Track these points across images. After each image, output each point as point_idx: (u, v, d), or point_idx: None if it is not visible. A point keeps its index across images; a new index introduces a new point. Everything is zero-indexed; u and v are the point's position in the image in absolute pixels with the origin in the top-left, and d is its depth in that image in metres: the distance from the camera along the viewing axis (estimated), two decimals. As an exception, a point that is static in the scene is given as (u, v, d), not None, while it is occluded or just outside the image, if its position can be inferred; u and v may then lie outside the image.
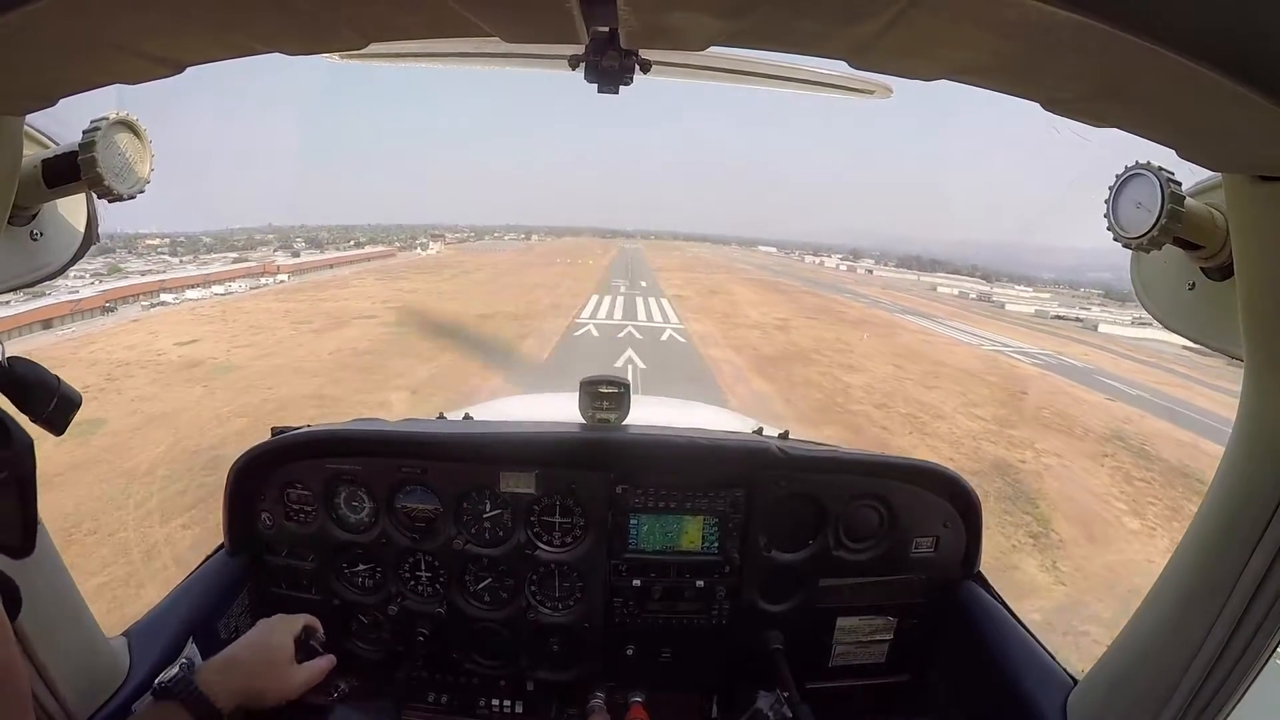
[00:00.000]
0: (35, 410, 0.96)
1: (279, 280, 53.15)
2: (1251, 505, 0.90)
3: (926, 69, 0.63)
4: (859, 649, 1.87)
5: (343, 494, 1.79)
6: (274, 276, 53.95)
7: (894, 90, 1.55)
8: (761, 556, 1.77)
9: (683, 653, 1.86)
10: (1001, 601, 1.69)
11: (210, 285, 47.89)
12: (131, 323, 32.15)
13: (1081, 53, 0.54)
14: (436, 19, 0.62)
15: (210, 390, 17.47)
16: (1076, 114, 0.67)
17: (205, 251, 69.96)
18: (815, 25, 0.59)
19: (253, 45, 0.64)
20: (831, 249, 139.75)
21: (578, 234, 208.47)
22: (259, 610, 1.77)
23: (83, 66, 0.66)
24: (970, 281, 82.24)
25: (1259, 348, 0.86)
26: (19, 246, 0.96)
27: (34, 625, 0.99)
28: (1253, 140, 0.66)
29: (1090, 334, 39.34)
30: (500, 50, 1.38)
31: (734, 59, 1.47)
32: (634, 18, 0.61)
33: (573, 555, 1.78)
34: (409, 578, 1.82)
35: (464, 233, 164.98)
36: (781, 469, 1.74)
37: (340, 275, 56.72)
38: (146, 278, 47.46)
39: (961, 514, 1.77)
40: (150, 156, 0.94)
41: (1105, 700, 1.17)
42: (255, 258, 63.50)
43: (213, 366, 20.54)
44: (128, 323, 32.27)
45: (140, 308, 38.64)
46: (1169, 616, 1.03)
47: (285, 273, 56.16)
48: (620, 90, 1.08)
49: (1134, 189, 0.86)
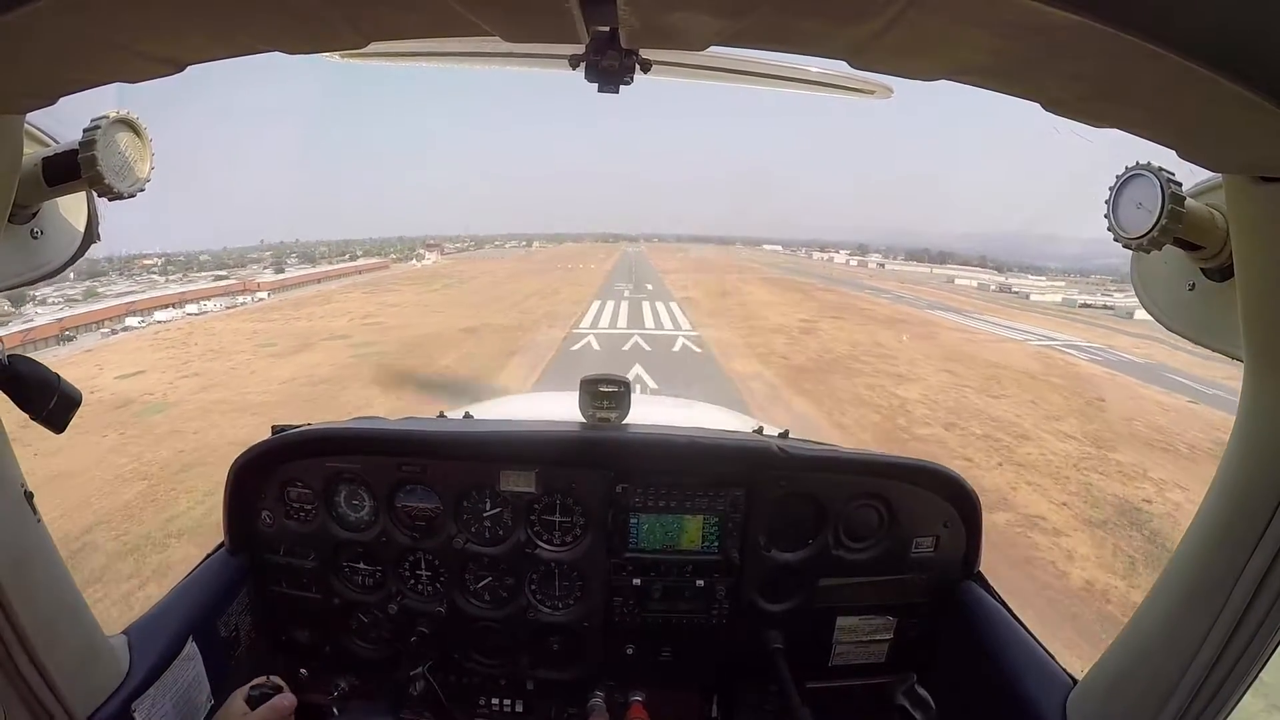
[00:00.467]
0: (35, 409, 0.96)
1: (258, 298, 49.78)
2: (1251, 505, 0.90)
3: (926, 69, 0.63)
4: (859, 648, 1.87)
5: (343, 493, 1.79)
6: (253, 294, 50.58)
7: (894, 90, 1.54)
8: (761, 556, 1.78)
9: (683, 652, 1.86)
10: (1001, 601, 1.70)
11: (184, 305, 45.12)
12: (84, 353, 28.45)
13: (1081, 53, 0.54)
14: (436, 19, 0.62)
15: (125, 438, 14.48)
16: (1076, 114, 0.67)
17: (197, 270, 67.73)
18: (815, 25, 0.59)
19: (253, 45, 0.64)
20: (838, 245, 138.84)
21: (579, 240, 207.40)
22: (259, 609, 1.78)
23: (83, 66, 0.66)
24: (985, 273, 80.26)
25: (1259, 348, 0.86)
26: (19, 245, 0.96)
27: (34, 625, 0.99)
28: (1253, 140, 0.66)
29: (1127, 322, 36.15)
30: (500, 50, 1.38)
31: (734, 59, 1.47)
32: (634, 17, 0.61)
33: (573, 554, 1.78)
34: (409, 576, 1.82)
35: (464, 242, 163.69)
36: (781, 469, 1.74)
37: (325, 290, 53.42)
38: (123, 299, 44.84)
39: (961, 514, 1.77)
40: (150, 155, 0.94)
41: (1105, 700, 1.17)
42: (243, 275, 61.18)
43: (144, 406, 17.64)
44: (79, 353, 28.48)
45: (101, 335, 35.83)
46: (1169, 616, 1.03)
47: (266, 290, 53.01)
48: (620, 90, 1.08)
49: (1134, 189, 0.86)
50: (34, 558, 1.02)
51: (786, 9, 0.57)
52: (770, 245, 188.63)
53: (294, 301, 46.33)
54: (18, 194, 0.86)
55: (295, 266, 78.72)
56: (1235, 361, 0.91)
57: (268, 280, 57.81)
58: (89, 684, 1.14)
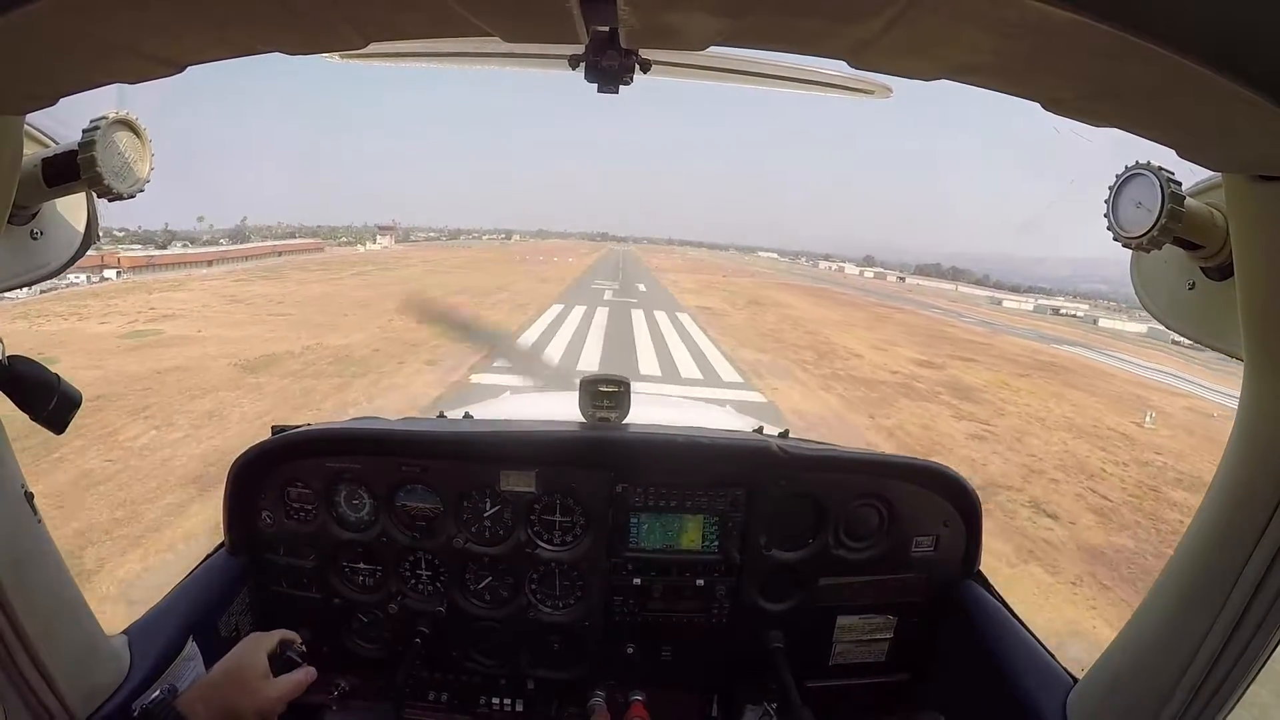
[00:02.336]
0: (35, 409, 0.96)
1: (103, 278, 34.77)
2: (1251, 505, 0.90)
3: (926, 69, 0.63)
4: (859, 648, 1.87)
5: (343, 493, 1.79)
6: (105, 272, 35.64)
7: (894, 90, 1.55)
8: (762, 555, 1.78)
9: (683, 651, 1.86)
10: (1001, 601, 1.70)
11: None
12: None
13: (1081, 53, 0.54)
14: (436, 19, 0.62)
15: None
16: (1076, 114, 0.67)
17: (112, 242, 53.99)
18: (815, 25, 0.59)
19: (253, 45, 0.64)
20: (835, 256, 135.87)
21: (565, 237, 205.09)
22: (259, 609, 1.78)
23: (83, 66, 0.67)
24: (1017, 296, 73.43)
25: (1259, 348, 0.86)
26: (19, 245, 0.96)
27: (34, 625, 0.99)
28: (1253, 140, 0.66)
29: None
30: (500, 50, 1.38)
31: (734, 59, 1.47)
32: (634, 17, 0.61)
33: (573, 554, 1.78)
34: (409, 576, 1.82)
35: (434, 233, 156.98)
36: (781, 468, 1.74)
37: (200, 274, 40.55)
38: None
39: (961, 513, 1.78)
40: (150, 156, 0.94)
41: (1105, 700, 1.17)
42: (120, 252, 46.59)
43: None
44: None
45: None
46: (1169, 616, 1.03)
47: (127, 267, 38.63)
48: (620, 90, 1.09)
49: (1134, 189, 0.86)
50: (34, 558, 1.02)
51: (786, 9, 0.57)
52: (765, 252, 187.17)
53: (130, 286, 31.04)
54: (17, 195, 0.86)
55: (225, 246, 66.92)
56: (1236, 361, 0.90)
57: (131, 257, 43.79)
58: (89, 684, 1.14)
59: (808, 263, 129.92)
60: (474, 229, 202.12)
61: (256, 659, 1.25)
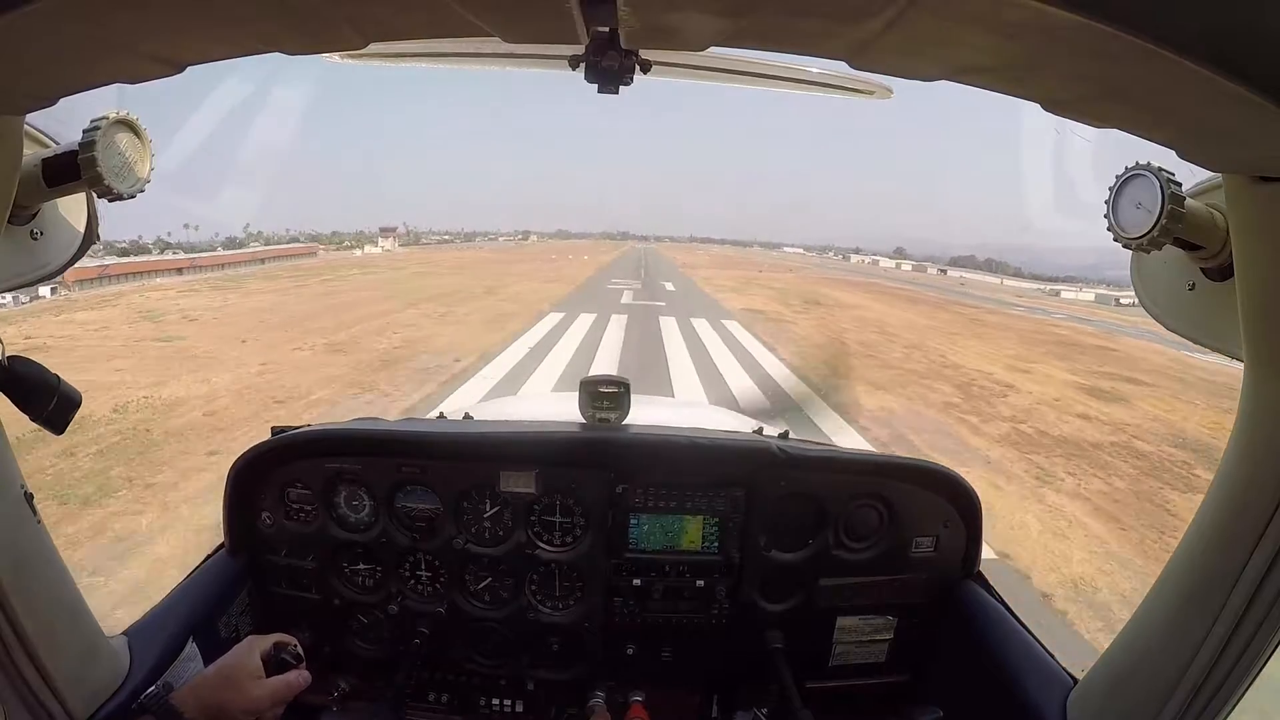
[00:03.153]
0: (35, 410, 0.96)
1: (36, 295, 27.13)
2: (1251, 505, 0.90)
3: (927, 69, 0.63)
4: (859, 648, 1.87)
5: (343, 493, 1.79)
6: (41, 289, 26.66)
7: (894, 91, 1.55)
8: (761, 556, 1.78)
9: (683, 652, 1.86)
10: (1001, 601, 1.70)
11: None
12: None
13: (1081, 53, 0.54)
14: (436, 19, 0.62)
15: None
16: (1077, 114, 0.67)
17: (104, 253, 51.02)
18: (815, 25, 0.60)
19: (253, 45, 0.64)
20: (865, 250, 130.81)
21: (585, 237, 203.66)
22: (259, 610, 1.78)
23: (83, 66, 0.67)
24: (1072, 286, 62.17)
25: (1259, 348, 0.86)
26: (19, 246, 0.96)
27: (34, 625, 0.99)
28: (1253, 141, 0.66)
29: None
30: (500, 50, 1.38)
31: (734, 59, 1.47)
32: (634, 18, 0.61)
33: (573, 555, 1.78)
34: (409, 577, 1.82)
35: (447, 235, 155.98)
36: (781, 469, 1.74)
37: (156, 283, 37.80)
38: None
39: (961, 514, 1.78)
40: (150, 156, 0.94)
41: (1105, 700, 1.17)
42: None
43: None
44: None
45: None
46: (1169, 616, 1.03)
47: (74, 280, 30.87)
48: (620, 90, 1.08)
49: (1134, 189, 0.86)
50: (34, 558, 1.02)
51: (786, 9, 0.57)
52: (790, 248, 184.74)
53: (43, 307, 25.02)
54: (17, 194, 0.86)
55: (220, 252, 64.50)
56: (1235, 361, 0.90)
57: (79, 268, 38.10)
58: (89, 684, 1.14)
59: (837, 256, 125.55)
60: (491, 231, 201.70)
61: (250, 659, 1.27)
